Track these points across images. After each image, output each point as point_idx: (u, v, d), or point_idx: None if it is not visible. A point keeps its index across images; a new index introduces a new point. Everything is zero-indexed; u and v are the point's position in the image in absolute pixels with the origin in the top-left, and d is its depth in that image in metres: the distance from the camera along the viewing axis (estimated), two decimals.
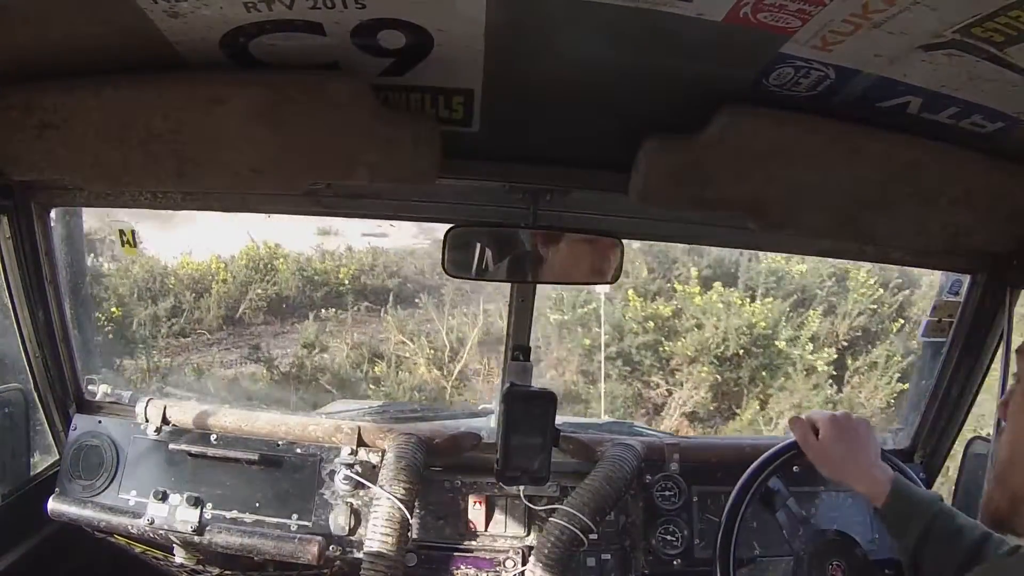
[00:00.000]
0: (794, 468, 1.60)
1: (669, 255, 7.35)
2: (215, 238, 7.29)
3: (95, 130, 1.20)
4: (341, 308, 7.40)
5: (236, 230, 7.35)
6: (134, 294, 6.81)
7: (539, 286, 1.67)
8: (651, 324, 6.75)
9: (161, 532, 1.56)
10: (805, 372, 6.51)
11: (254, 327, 7.28)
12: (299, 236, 7.70)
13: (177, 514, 1.55)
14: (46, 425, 1.69)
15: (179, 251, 7.15)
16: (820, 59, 1.07)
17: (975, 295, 1.61)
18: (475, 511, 1.64)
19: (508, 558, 1.60)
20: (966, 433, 1.77)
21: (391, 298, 7.43)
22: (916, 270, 5.80)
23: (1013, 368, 0.92)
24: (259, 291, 7.30)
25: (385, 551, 1.46)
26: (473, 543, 1.62)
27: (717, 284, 6.84)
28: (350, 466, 1.60)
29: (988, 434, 1.67)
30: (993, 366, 1.65)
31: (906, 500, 1.16)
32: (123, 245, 1.80)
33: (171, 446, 1.62)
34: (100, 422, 1.66)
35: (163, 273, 7.08)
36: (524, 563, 1.57)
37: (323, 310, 7.28)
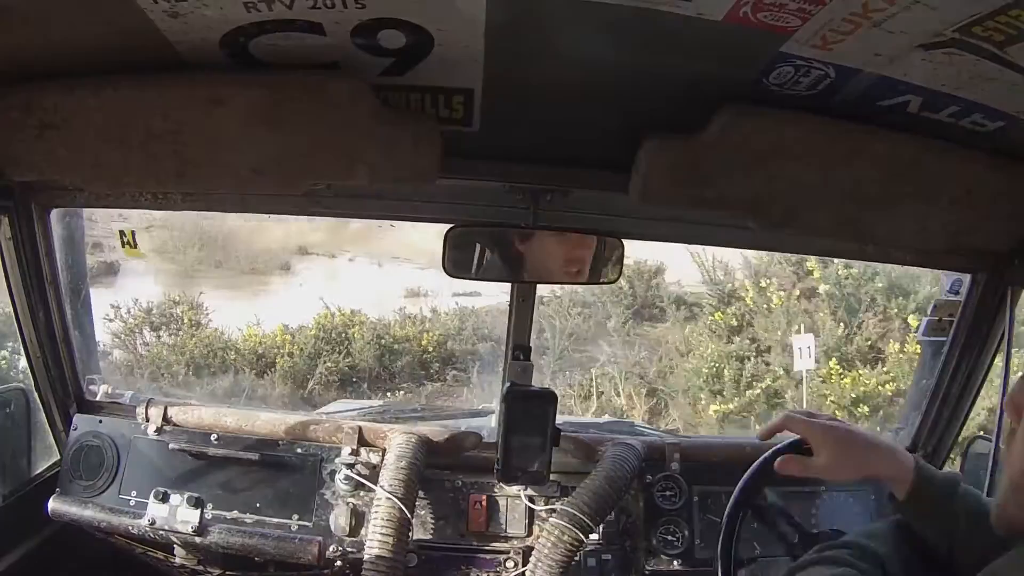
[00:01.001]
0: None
1: (859, 295, 5.36)
2: (287, 307, 6.71)
3: (95, 130, 1.20)
4: (427, 380, 6.52)
5: (311, 298, 6.73)
6: (189, 371, 6.19)
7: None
8: (863, 409, 4.84)
9: (162, 532, 1.56)
10: None
11: (324, 405, 6.36)
12: (385, 299, 7.08)
13: (178, 514, 1.55)
14: (47, 425, 1.69)
15: (246, 322, 6.55)
16: (820, 58, 1.07)
17: (976, 294, 1.61)
18: (476, 511, 1.64)
19: (509, 558, 1.60)
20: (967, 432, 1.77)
21: (476, 365, 6.48)
22: None
23: (1015, 366, 0.89)
24: (329, 364, 6.39)
25: (386, 551, 1.46)
26: (474, 543, 1.62)
27: None
28: (351, 466, 1.60)
29: (990, 432, 1.66)
30: (994, 365, 1.65)
31: (931, 480, 1.04)
32: (123, 246, 1.79)
33: (172, 446, 1.62)
34: (101, 422, 1.65)
35: (223, 347, 6.44)
36: (525, 563, 1.57)
37: (388, 392, 6.38)
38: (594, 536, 1.55)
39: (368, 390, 6.44)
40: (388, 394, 6.37)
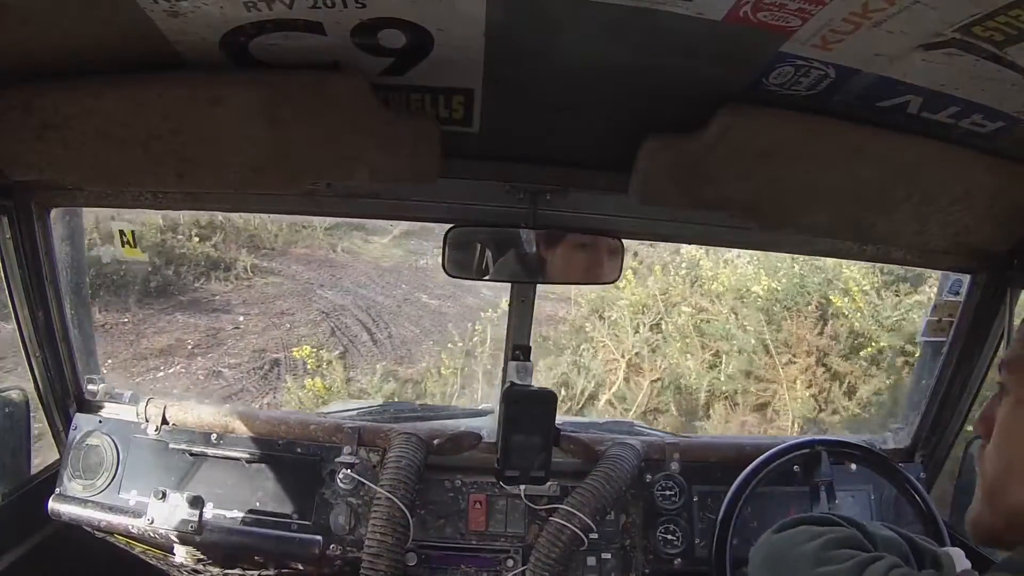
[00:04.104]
0: (794, 468, 1.61)
1: None
2: None
3: (95, 130, 1.20)
4: None
5: None
6: None
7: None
8: None
9: (161, 531, 1.56)
10: None
11: None
12: None
13: (177, 513, 1.55)
14: (46, 425, 1.69)
15: None
16: (820, 58, 1.06)
17: (975, 295, 1.61)
18: (475, 511, 1.64)
19: (508, 557, 1.60)
20: (966, 433, 1.77)
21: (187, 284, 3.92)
22: None
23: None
24: None
25: (385, 551, 1.46)
26: (473, 543, 1.62)
27: None
28: (350, 466, 1.60)
29: None
30: (993, 366, 1.65)
31: None
32: (123, 245, 1.79)
33: (171, 445, 1.62)
34: (100, 422, 1.66)
35: None
36: (524, 562, 1.57)
37: None
38: (594, 535, 1.55)
39: None
40: None
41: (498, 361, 1.91)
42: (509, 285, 1.62)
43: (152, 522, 1.55)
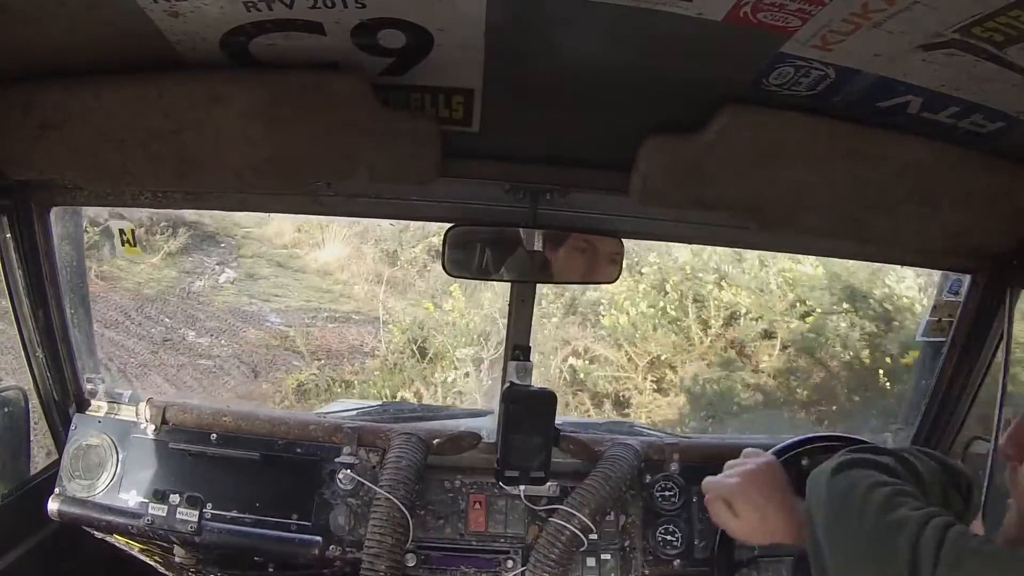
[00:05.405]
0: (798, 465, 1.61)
1: None
2: None
3: (95, 130, 1.20)
4: None
5: None
6: None
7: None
8: None
9: (161, 532, 1.56)
10: None
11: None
12: None
13: (177, 514, 1.55)
14: (46, 425, 1.69)
15: None
16: (820, 59, 1.07)
17: (975, 295, 1.61)
18: (475, 511, 1.64)
19: (508, 558, 1.60)
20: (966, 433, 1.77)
21: None
22: None
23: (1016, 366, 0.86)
24: None
25: (385, 551, 1.46)
26: (473, 543, 1.62)
27: None
28: (350, 466, 1.60)
29: (989, 432, 1.66)
30: (993, 366, 1.65)
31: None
32: (123, 244, 1.79)
33: (171, 446, 1.62)
34: (100, 422, 1.65)
35: None
36: (524, 563, 1.57)
37: None
38: (593, 536, 1.55)
39: None
40: None
41: None
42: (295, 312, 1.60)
43: (151, 523, 1.55)
